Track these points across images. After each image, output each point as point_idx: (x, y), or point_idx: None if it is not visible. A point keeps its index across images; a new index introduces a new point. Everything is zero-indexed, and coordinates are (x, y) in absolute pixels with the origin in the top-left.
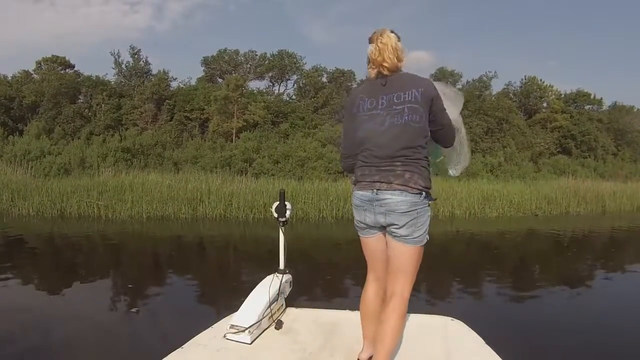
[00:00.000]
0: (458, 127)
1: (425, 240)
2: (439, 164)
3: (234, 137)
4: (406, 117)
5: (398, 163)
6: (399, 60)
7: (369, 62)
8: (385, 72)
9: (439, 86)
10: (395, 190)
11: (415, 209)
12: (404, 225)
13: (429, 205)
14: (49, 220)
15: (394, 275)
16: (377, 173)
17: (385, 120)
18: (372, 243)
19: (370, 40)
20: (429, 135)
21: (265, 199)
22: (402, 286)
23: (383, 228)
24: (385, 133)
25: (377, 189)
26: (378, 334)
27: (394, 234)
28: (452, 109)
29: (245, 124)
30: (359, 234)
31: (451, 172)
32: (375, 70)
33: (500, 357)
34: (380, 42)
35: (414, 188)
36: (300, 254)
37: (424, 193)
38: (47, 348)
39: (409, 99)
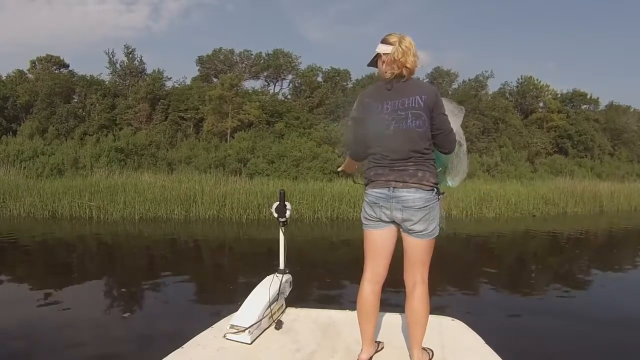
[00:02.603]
0: (460, 140)
1: (437, 233)
2: (439, 175)
3: (228, 137)
4: (410, 123)
5: (410, 163)
6: (416, 65)
7: (389, 62)
8: (404, 73)
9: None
10: (410, 188)
11: (429, 205)
12: (419, 221)
13: (438, 199)
14: (40, 221)
15: (413, 267)
16: (391, 173)
17: (390, 124)
18: (381, 235)
19: (386, 41)
20: (431, 139)
21: (259, 200)
22: (422, 275)
23: (395, 223)
24: (391, 137)
25: (394, 187)
26: (413, 319)
27: (411, 231)
28: (454, 121)
29: (239, 123)
30: (367, 228)
31: (450, 182)
32: (392, 72)
33: (500, 357)
34: (404, 45)
35: (427, 185)
36: (297, 254)
37: (435, 189)
38: (41, 353)
39: (413, 105)
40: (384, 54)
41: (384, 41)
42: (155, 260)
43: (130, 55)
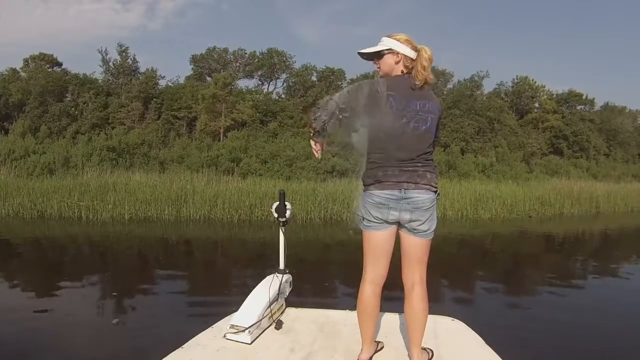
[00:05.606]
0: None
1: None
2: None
3: (221, 137)
4: (429, 126)
5: (419, 164)
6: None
7: (419, 69)
8: (428, 81)
9: None
10: (421, 189)
11: (433, 205)
12: (425, 221)
13: (436, 200)
14: (28, 221)
15: (413, 266)
16: (402, 174)
17: (410, 123)
18: (383, 237)
19: (402, 41)
20: None
21: (251, 200)
22: (420, 274)
23: (397, 224)
24: (408, 135)
25: (405, 189)
26: (412, 319)
27: (416, 230)
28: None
29: (233, 123)
30: (369, 230)
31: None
32: (422, 79)
33: (500, 357)
34: (429, 54)
35: (434, 187)
36: (292, 255)
37: (437, 190)
38: (35, 356)
39: (432, 109)
40: (402, 54)
41: (400, 40)
42: (148, 261)
43: (124, 54)
